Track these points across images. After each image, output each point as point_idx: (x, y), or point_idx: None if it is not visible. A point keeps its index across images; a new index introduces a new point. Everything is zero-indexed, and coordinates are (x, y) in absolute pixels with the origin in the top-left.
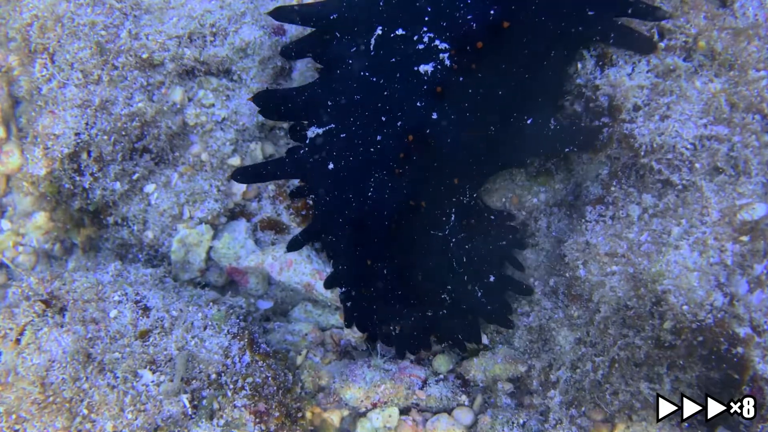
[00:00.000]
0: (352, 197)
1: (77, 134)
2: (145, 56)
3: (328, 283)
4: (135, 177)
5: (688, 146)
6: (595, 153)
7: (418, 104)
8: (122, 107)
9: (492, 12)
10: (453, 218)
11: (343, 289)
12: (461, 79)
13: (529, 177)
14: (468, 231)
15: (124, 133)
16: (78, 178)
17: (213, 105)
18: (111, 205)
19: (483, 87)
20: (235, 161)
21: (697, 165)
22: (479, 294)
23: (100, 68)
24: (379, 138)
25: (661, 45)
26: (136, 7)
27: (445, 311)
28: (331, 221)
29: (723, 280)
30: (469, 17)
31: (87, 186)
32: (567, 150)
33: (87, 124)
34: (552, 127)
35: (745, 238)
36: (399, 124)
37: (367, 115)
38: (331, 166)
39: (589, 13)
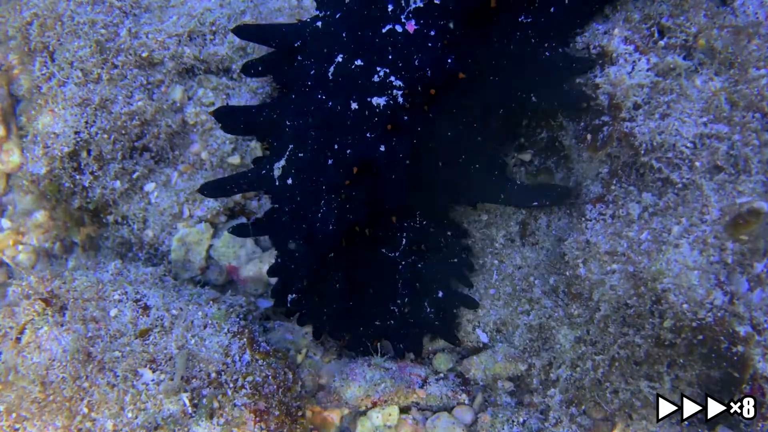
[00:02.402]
0: (305, 213)
1: (77, 133)
2: (144, 55)
3: (272, 272)
4: (135, 176)
5: (688, 145)
6: (595, 151)
7: (368, 135)
8: (122, 106)
9: (449, 61)
10: (404, 242)
11: (292, 293)
12: (412, 117)
13: (529, 175)
14: (418, 255)
15: (123, 131)
16: (78, 177)
17: (213, 103)
18: (111, 203)
19: (433, 128)
20: (235, 160)
21: (697, 163)
22: (428, 309)
23: (100, 67)
24: (330, 162)
25: (661, 43)
26: (136, 5)
27: (392, 322)
28: (285, 227)
29: (723, 278)
30: (425, 62)
31: (87, 185)
32: (536, 204)
33: (87, 122)
34: (518, 184)
35: (745, 237)
36: (348, 152)
37: (321, 140)
38: (290, 181)
39: (537, 80)
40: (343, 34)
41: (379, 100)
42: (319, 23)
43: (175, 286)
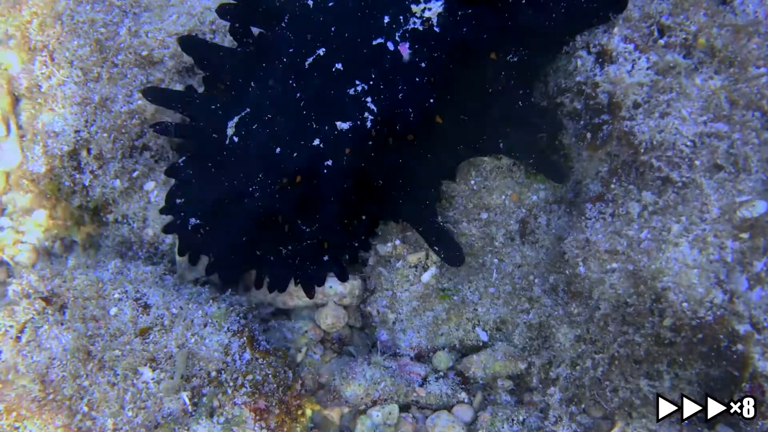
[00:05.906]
0: (239, 179)
1: (77, 132)
2: (144, 54)
3: (168, 199)
4: (135, 174)
5: (688, 143)
6: (594, 150)
7: (320, 144)
8: (122, 105)
9: (431, 101)
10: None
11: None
12: (372, 144)
13: (529, 174)
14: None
15: (123, 130)
16: (78, 176)
17: None
18: (111, 202)
19: (386, 159)
20: None
21: (696, 162)
22: (308, 264)
23: (100, 66)
24: (277, 150)
25: (661, 42)
26: (136, 4)
27: (272, 258)
28: (216, 172)
29: (723, 277)
30: (408, 101)
31: (87, 183)
32: (435, 249)
33: (87, 121)
34: (438, 224)
35: (745, 236)
36: (295, 154)
37: (275, 128)
38: (236, 139)
39: (507, 130)
40: (332, 29)
41: (343, 125)
42: (310, 1)
43: (175, 285)
